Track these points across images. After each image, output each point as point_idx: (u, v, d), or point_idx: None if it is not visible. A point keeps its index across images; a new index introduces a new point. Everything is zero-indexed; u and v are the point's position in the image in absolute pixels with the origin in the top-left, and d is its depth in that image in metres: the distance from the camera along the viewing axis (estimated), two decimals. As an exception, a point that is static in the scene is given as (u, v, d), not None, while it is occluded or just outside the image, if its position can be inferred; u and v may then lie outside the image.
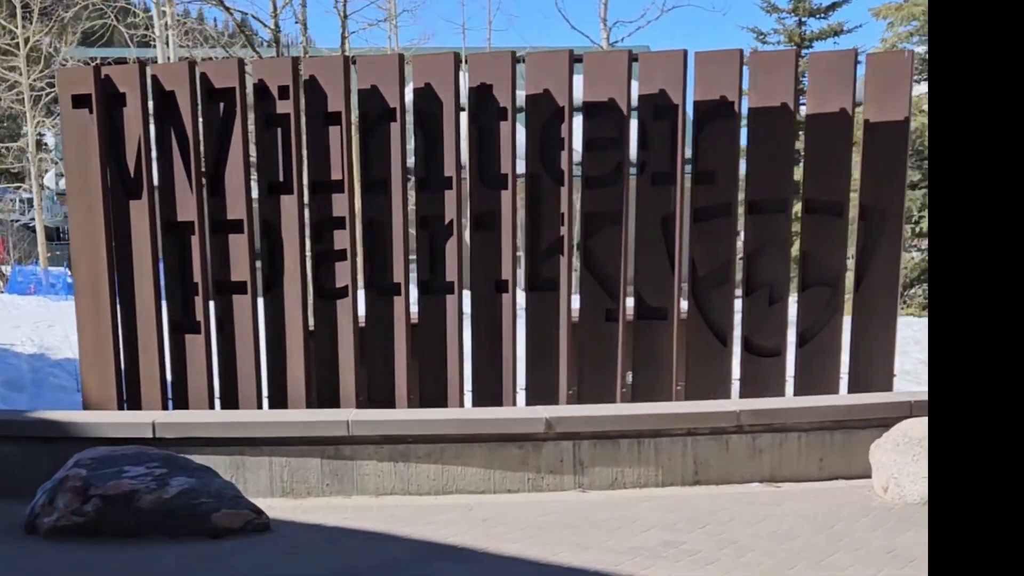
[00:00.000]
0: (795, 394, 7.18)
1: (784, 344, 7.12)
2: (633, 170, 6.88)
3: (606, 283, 6.96)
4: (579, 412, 6.38)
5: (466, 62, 7.25)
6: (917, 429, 5.80)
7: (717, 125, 6.89)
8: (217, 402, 7.08)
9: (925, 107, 21.59)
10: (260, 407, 7.01)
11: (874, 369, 7.17)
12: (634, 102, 6.87)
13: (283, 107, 6.78)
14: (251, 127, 7.00)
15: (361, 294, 7.00)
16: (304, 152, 6.93)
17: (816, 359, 7.14)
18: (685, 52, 6.87)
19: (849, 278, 7.25)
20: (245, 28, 17.03)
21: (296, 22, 17.68)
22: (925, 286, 19.34)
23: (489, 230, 6.90)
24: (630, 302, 7.11)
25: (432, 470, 6.16)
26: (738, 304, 7.16)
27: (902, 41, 19.53)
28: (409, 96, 6.74)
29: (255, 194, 6.91)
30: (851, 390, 7.19)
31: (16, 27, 26.77)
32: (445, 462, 6.16)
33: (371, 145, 6.85)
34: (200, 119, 6.86)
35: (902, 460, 5.76)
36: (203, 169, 6.89)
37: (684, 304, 7.14)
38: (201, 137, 6.88)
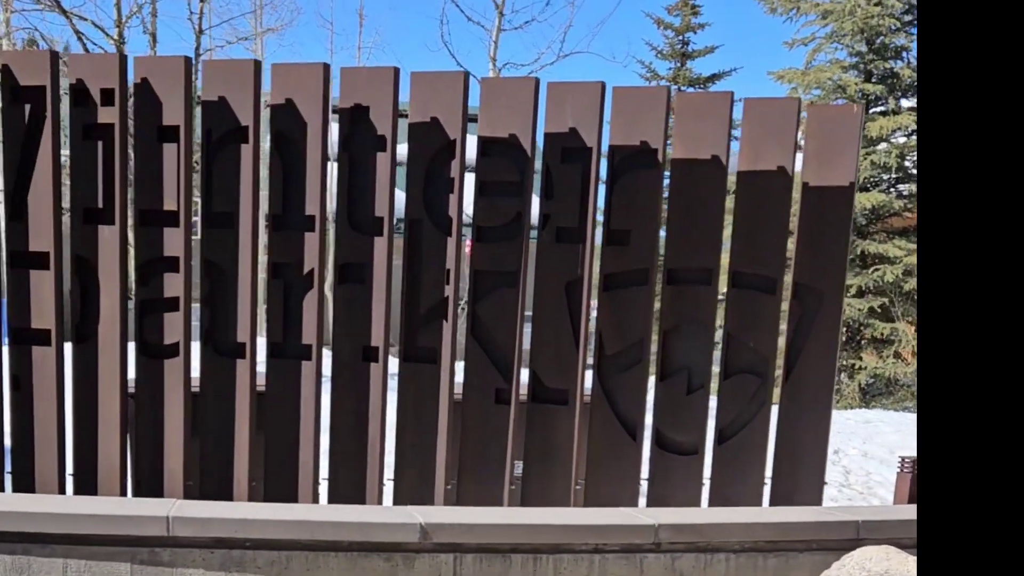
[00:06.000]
0: (710, 502, 6.65)
1: (703, 441, 6.56)
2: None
3: (497, 357, 6.24)
4: (462, 518, 5.62)
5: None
6: (878, 561, 5.17)
7: (635, 176, 6.27)
8: (8, 480, 6.15)
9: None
10: (62, 490, 6.09)
11: (802, 475, 6.66)
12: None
13: (106, 115, 5.87)
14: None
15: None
16: (130, 174, 6.13)
17: (737, 460, 6.56)
18: (603, 84, 6.29)
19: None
20: (83, 39, 16.03)
21: (144, 32, 16.81)
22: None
23: (358, 284, 6.13)
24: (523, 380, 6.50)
25: (275, 584, 5.38)
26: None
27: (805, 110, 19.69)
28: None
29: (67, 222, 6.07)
30: (773, 500, 6.68)
31: None
32: (291, 574, 5.39)
33: (215, 171, 6.06)
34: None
35: (857, 601, 5.16)
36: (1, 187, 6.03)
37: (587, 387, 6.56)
38: (1, 146, 6.01)
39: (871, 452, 10.91)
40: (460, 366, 6.31)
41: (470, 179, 6.17)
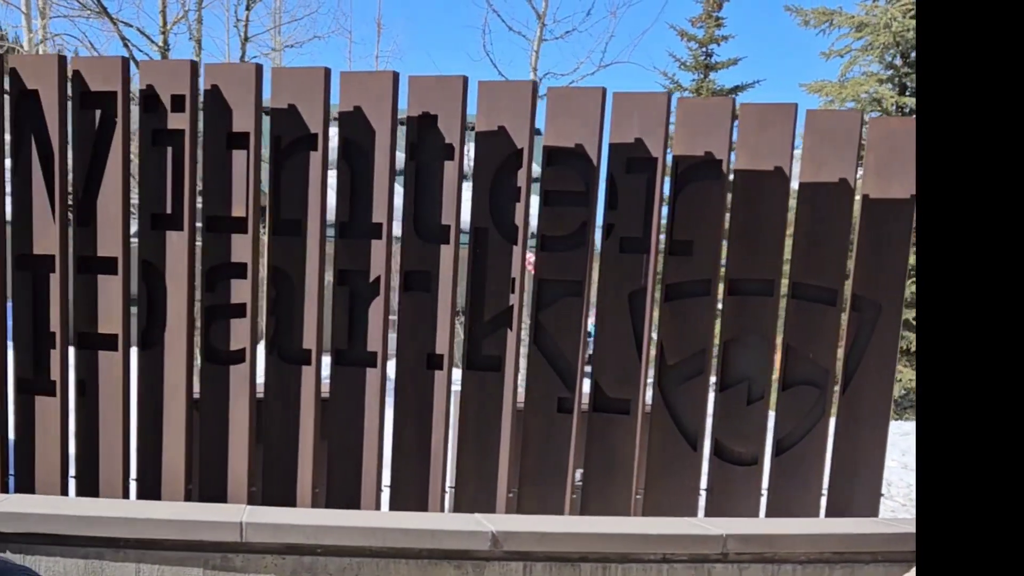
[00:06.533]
0: (767, 512, 6.69)
1: (762, 451, 6.61)
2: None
3: (560, 366, 6.29)
4: (533, 526, 5.67)
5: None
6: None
7: (699, 187, 6.33)
8: (72, 484, 6.21)
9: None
10: (126, 495, 6.15)
11: (859, 487, 6.70)
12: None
13: (176, 121, 5.94)
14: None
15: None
16: (199, 180, 6.20)
17: (795, 471, 6.62)
18: (669, 95, 6.35)
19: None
20: (128, 45, 16.15)
21: (190, 39, 16.92)
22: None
23: (423, 292, 6.19)
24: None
25: (345, 590, 5.44)
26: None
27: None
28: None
29: (134, 228, 6.13)
30: (829, 511, 6.72)
31: None
32: (362, 581, 5.45)
33: (284, 177, 6.12)
34: (70, 129, 6.04)
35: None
36: (70, 192, 6.08)
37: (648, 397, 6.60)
38: (70, 151, 6.06)
39: (911, 464, 10.93)
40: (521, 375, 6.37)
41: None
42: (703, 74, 27.09)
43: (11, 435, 6.18)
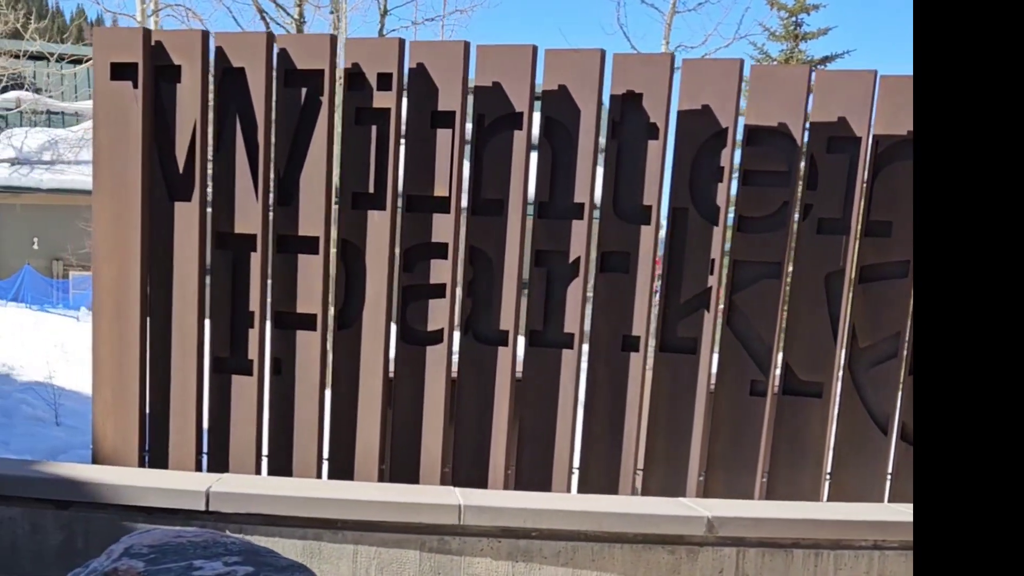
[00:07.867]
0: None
1: (951, 436, 6.61)
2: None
3: (755, 349, 6.33)
4: (746, 511, 5.75)
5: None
6: None
7: (900, 167, 6.32)
8: (264, 463, 6.34)
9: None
10: (319, 474, 6.26)
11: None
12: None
13: (382, 100, 6.00)
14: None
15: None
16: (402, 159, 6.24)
17: (983, 456, 6.66)
18: (875, 72, 6.32)
19: None
20: (265, 17, 16.15)
21: (331, 12, 16.79)
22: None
23: (621, 273, 6.23)
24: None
25: (560, 575, 5.53)
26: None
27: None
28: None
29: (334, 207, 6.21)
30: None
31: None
32: (576, 565, 5.48)
33: (486, 157, 6.16)
34: (274, 107, 6.10)
35: None
36: (273, 171, 6.14)
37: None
38: (273, 130, 6.13)
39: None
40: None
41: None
42: (792, 44, 26.99)
43: (206, 414, 6.27)
